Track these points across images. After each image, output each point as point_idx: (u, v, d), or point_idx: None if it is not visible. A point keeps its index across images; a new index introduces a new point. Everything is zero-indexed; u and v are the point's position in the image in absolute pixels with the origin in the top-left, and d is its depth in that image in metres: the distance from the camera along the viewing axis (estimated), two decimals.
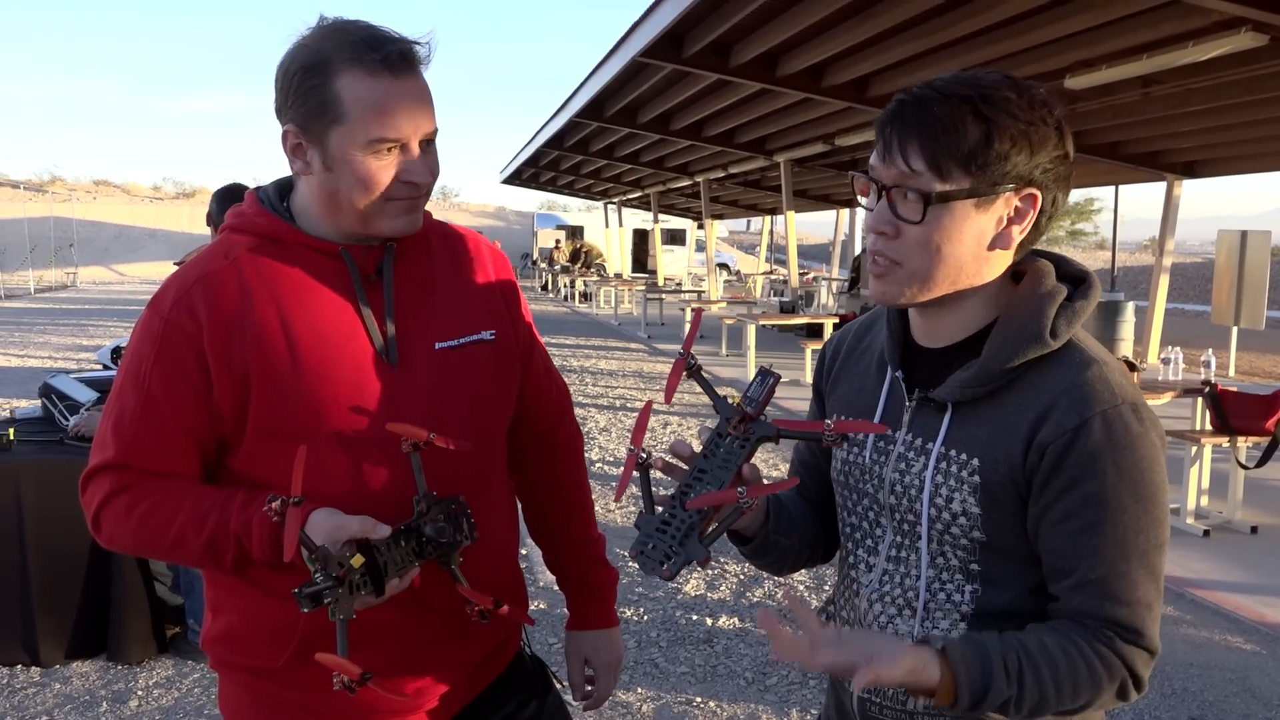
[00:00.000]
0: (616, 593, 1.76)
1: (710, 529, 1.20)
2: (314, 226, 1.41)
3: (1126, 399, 1.16)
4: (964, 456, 1.21)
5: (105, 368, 5.26)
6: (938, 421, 1.24)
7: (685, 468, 1.24)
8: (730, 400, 1.24)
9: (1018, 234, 1.20)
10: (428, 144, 1.37)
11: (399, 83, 1.32)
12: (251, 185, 3.83)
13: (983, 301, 1.24)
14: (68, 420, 4.06)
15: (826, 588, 4.64)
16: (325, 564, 1.22)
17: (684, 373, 1.27)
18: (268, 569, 1.35)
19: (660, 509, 1.22)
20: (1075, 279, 1.27)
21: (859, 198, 1.24)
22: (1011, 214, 1.19)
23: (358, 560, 1.24)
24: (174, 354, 1.34)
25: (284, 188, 1.46)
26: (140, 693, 3.61)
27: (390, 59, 1.31)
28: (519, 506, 1.69)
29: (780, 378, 1.22)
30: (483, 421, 1.49)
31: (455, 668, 1.49)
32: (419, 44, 1.35)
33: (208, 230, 3.94)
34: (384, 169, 1.33)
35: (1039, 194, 1.18)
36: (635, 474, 1.25)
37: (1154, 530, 1.16)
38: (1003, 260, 1.23)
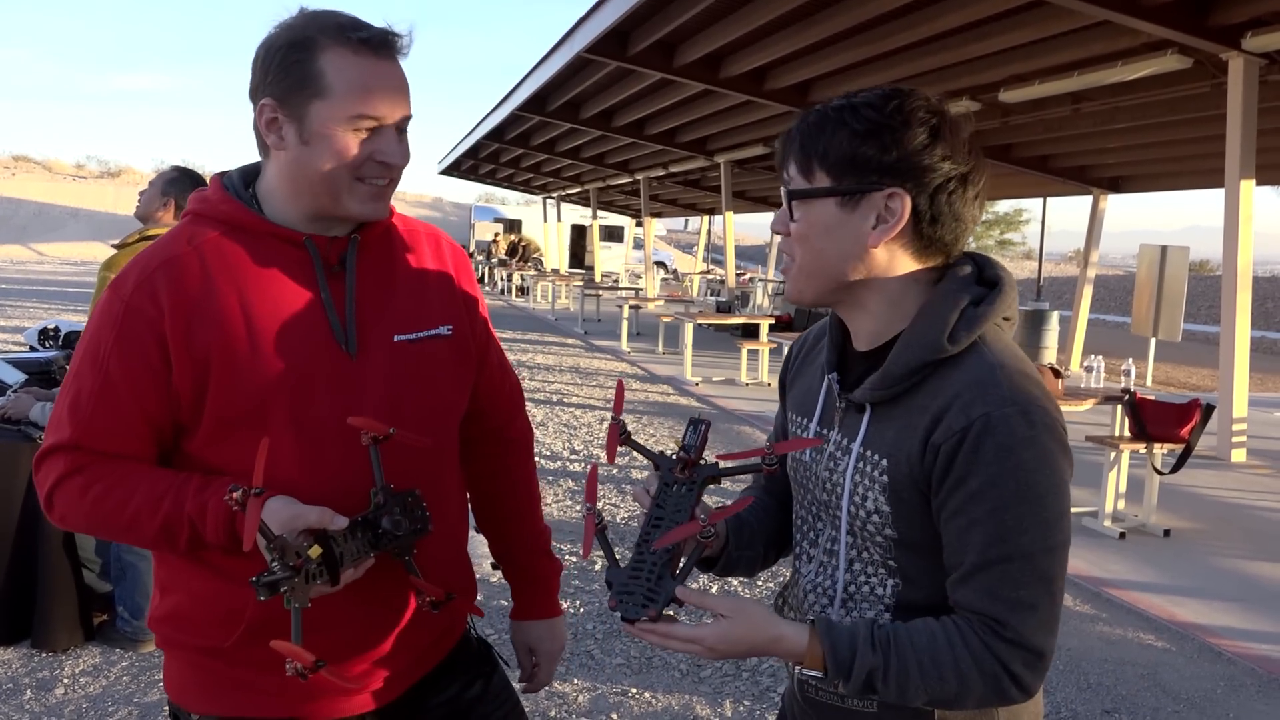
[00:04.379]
0: (559, 583, 1.81)
1: (680, 565, 1.25)
2: (279, 212, 1.42)
3: (1017, 402, 1.17)
4: (876, 456, 1.26)
5: (32, 349, 5.13)
6: (859, 422, 1.30)
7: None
8: (668, 453, 1.31)
9: (888, 234, 1.23)
10: (402, 129, 1.40)
11: (381, 64, 1.36)
12: (185, 166, 3.81)
13: (886, 303, 1.28)
14: None
15: (760, 581, 4.73)
16: (283, 554, 1.22)
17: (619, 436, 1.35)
18: (220, 552, 1.36)
19: (627, 558, 1.27)
20: (990, 284, 1.29)
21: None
22: (882, 213, 1.22)
23: (315, 551, 1.24)
24: (134, 337, 1.34)
25: (249, 174, 1.47)
26: (66, 680, 3.54)
27: (374, 41, 1.35)
28: (468, 499, 1.71)
29: (710, 424, 1.32)
30: (438, 415, 1.51)
31: (402, 651, 1.51)
32: (400, 34, 1.39)
33: (134, 212, 3.86)
34: (361, 146, 1.36)
35: (907, 196, 1.21)
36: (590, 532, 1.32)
37: (1042, 532, 1.16)
38: (886, 261, 1.25)
